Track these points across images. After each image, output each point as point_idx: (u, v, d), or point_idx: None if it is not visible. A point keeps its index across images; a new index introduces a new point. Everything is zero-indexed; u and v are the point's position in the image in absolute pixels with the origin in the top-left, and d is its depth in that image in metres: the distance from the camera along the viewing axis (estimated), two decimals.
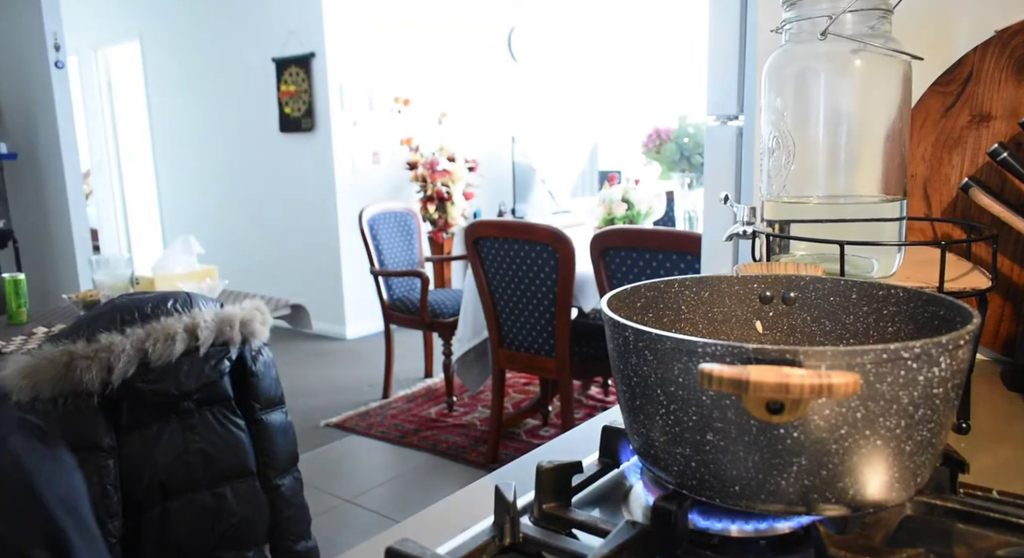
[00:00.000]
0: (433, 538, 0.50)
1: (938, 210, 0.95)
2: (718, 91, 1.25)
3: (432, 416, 3.42)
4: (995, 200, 0.84)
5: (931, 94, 0.94)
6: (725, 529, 0.47)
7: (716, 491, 0.44)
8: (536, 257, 2.59)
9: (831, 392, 0.37)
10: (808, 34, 0.73)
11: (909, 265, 0.77)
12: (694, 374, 0.41)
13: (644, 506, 0.52)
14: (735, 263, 1.25)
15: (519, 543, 0.48)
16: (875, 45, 0.71)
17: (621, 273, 2.45)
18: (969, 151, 0.92)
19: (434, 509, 0.62)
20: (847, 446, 0.41)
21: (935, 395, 0.42)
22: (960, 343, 0.42)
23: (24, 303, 2.28)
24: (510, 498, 0.48)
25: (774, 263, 0.67)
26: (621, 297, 0.56)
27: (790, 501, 0.43)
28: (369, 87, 4.99)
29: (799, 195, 0.77)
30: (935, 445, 0.44)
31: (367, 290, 4.86)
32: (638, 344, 0.46)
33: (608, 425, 0.60)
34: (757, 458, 0.42)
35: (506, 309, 2.76)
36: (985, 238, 0.71)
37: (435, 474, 2.84)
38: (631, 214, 3.36)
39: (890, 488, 0.43)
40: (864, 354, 0.39)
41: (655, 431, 0.47)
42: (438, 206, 5.00)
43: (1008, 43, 0.89)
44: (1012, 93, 0.89)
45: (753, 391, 0.37)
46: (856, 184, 0.77)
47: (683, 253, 2.30)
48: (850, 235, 0.69)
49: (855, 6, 0.71)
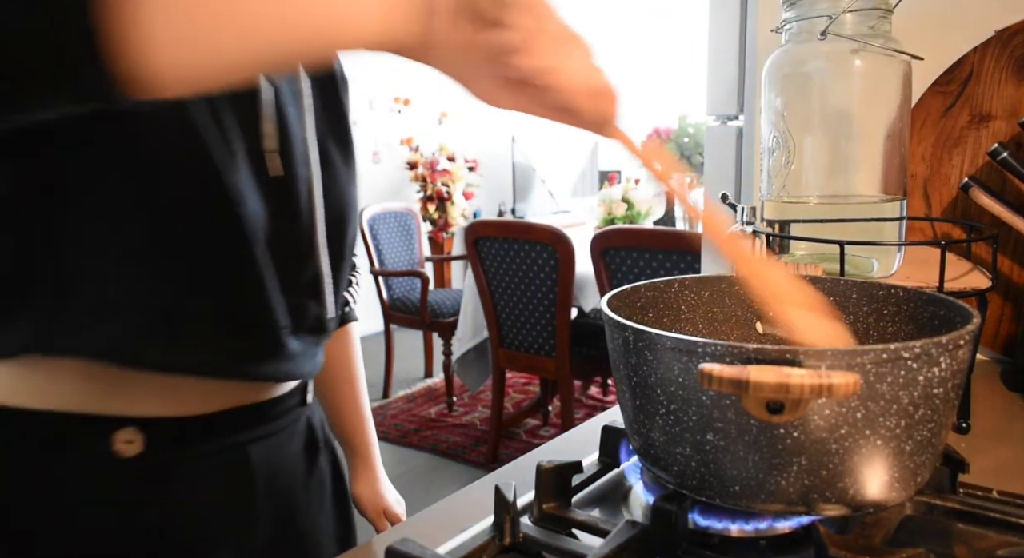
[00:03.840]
0: (433, 538, 0.50)
1: (938, 210, 0.95)
2: (718, 91, 1.25)
3: (432, 416, 3.42)
4: (995, 200, 0.84)
5: (931, 94, 0.94)
6: (725, 529, 0.47)
7: (716, 491, 0.44)
8: (536, 257, 2.59)
9: (831, 392, 0.37)
10: (808, 34, 0.73)
11: (909, 265, 0.77)
12: (694, 374, 0.41)
13: (644, 506, 0.52)
14: None
15: (519, 543, 0.48)
16: (875, 45, 0.71)
17: (621, 273, 2.45)
18: (969, 151, 0.92)
19: (434, 509, 0.62)
20: (847, 446, 0.41)
21: (935, 395, 0.42)
22: (960, 343, 0.42)
23: None
24: (510, 498, 0.48)
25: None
26: (621, 297, 0.56)
27: (790, 501, 0.43)
28: (369, 87, 4.99)
29: (799, 195, 0.77)
30: (935, 445, 0.44)
31: (367, 290, 4.86)
32: (638, 344, 0.46)
33: (608, 425, 0.60)
34: (757, 458, 0.42)
35: (506, 309, 2.77)
36: (985, 238, 0.71)
37: (435, 474, 2.84)
38: (631, 214, 3.36)
39: (890, 488, 0.43)
40: (864, 354, 0.39)
41: (655, 431, 0.47)
42: (438, 206, 5.00)
43: (1008, 43, 0.89)
44: (1012, 93, 0.89)
45: (753, 391, 0.37)
46: (856, 184, 0.77)
47: (683, 253, 2.30)
48: (850, 235, 0.69)
49: (855, 6, 0.71)
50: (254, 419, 0.67)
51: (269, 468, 0.68)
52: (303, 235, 0.66)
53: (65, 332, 0.56)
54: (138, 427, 0.59)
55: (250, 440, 0.66)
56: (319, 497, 0.76)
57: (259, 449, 0.67)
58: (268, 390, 0.68)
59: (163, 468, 0.61)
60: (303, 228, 0.65)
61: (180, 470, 0.62)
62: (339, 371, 0.87)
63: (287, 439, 0.71)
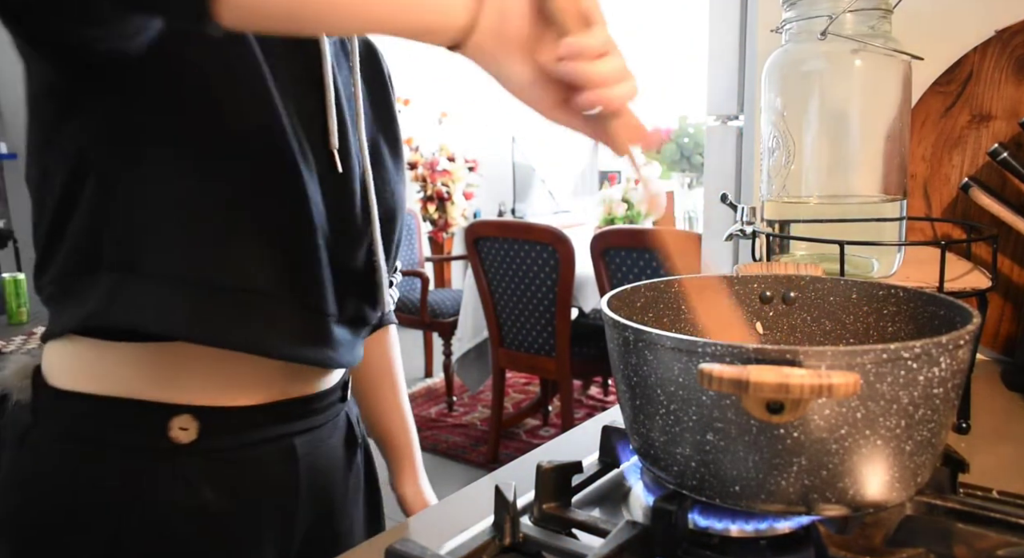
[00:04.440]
0: (433, 538, 0.50)
1: (938, 210, 0.95)
2: (718, 91, 1.25)
3: (432, 416, 3.42)
4: (995, 200, 0.84)
5: (931, 94, 0.94)
6: (725, 529, 0.47)
7: (716, 491, 0.44)
8: (536, 257, 2.59)
9: (831, 392, 0.37)
10: (808, 34, 0.73)
11: (909, 265, 0.77)
12: (694, 374, 0.41)
13: (644, 506, 0.52)
14: (735, 263, 1.25)
15: (519, 543, 0.48)
16: (875, 45, 0.71)
17: (621, 273, 2.45)
18: (969, 151, 0.92)
19: (434, 509, 0.62)
20: (847, 446, 0.41)
21: (935, 395, 0.42)
22: (960, 343, 0.42)
23: (24, 303, 2.28)
24: (510, 498, 0.48)
25: (774, 263, 0.67)
26: (621, 297, 0.56)
27: (790, 501, 0.43)
28: None
29: (799, 195, 0.77)
30: (935, 445, 0.44)
31: None
32: (638, 344, 0.46)
33: (608, 425, 0.60)
34: (757, 458, 0.42)
35: (506, 309, 2.77)
36: (985, 238, 0.71)
37: (435, 474, 2.82)
38: (631, 214, 3.36)
39: (890, 488, 0.43)
40: (864, 354, 0.39)
41: (655, 431, 0.47)
42: (438, 206, 5.00)
43: (1008, 43, 0.89)
44: (1012, 93, 0.89)
45: (753, 391, 0.37)
46: (856, 184, 0.77)
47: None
48: (850, 235, 0.69)
49: (855, 6, 0.71)
50: (301, 412, 0.69)
51: (312, 460, 0.70)
52: (357, 229, 0.69)
53: (126, 306, 0.58)
54: (193, 414, 0.62)
55: (296, 432, 0.68)
56: (355, 491, 0.78)
57: (303, 442, 0.69)
58: (314, 383, 0.70)
59: (216, 455, 0.63)
60: (357, 223, 0.68)
61: (231, 457, 0.64)
62: (381, 371, 0.89)
63: (329, 433, 0.73)
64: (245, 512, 0.65)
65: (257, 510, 0.66)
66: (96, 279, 0.59)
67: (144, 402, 0.61)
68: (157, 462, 0.61)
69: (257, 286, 0.61)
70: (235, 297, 0.60)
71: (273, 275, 0.61)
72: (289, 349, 0.63)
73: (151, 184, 0.58)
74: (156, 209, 0.58)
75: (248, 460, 0.65)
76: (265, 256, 0.61)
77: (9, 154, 4.04)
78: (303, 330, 0.64)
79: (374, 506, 0.83)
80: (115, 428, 0.61)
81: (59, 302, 0.62)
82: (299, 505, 0.69)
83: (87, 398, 0.61)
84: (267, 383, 0.66)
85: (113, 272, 0.59)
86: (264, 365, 0.64)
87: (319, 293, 0.64)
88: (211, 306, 0.59)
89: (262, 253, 0.61)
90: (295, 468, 0.68)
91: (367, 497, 0.81)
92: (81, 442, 0.61)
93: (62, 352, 0.63)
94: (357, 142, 0.69)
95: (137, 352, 0.61)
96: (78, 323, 0.59)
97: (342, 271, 0.67)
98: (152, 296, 0.58)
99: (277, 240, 0.61)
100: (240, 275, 0.60)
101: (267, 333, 0.62)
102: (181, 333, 0.59)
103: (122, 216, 0.58)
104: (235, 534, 0.65)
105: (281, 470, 0.67)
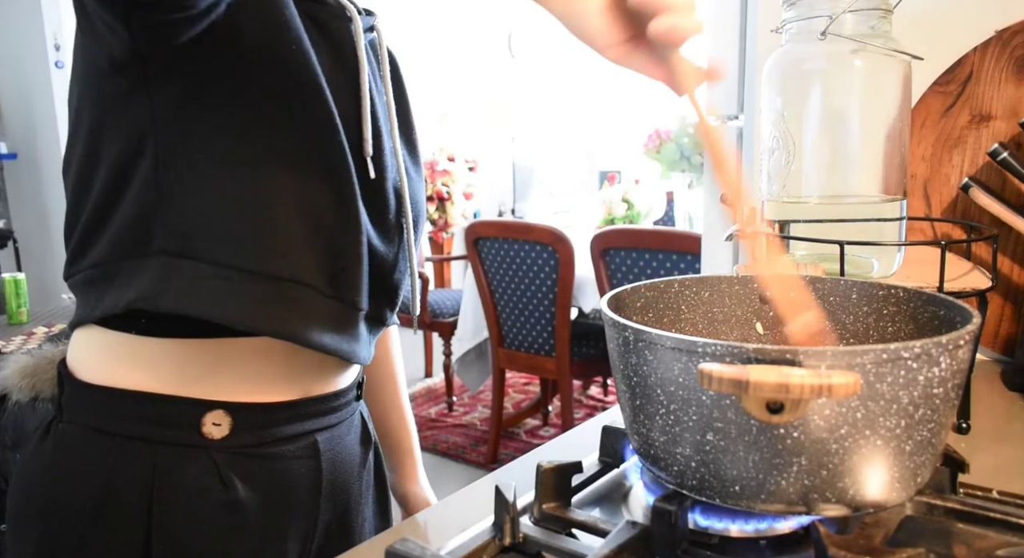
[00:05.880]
0: (433, 538, 0.50)
1: (938, 210, 0.95)
2: (718, 91, 1.25)
3: (432, 416, 3.42)
4: (995, 200, 0.84)
5: (931, 94, 0.94)
6: (725, 529, 0.47)
7: (716, 491, 0.44)
8: (536, 257, 2.59)
9: (831, 392, 0.37)
10: (808, 34, 0.73)
11: (909, 265, 0.77)
12: (694, 374, 0.41)
13: (644, 506, 0.52)
14: (735, 263, 1.25)
15: (519, 543, 0.48)
16: (875, 45, 0.71)
17: (621, 273, 2.45)
18: (969, 151, 0.92)
19: (434, 509, 0.62)
20: (847, 446, 0.41)
21: (935, 395, 0.42)
22: (960, 343, 0.42)
23: (24, 303, 2.28)
24: (510, 498, 0.48)
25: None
26: (621, 297, 0.56)
27: (790, 501, 0.43)
28: None
29: (799, 195, 0.77)
30: (935, 445, 0.44)
31: None
32: (638, 344, 0.46)
33: (608, 425, 0.60)
34: (757, 458, 0.42)
35: (506, 309, 2.77)
36: (985, 238, 0.71)
37: (435, 474, 2.82)
38: (631, 214, 3.36)
39: (890, 488, 0.43)
40: (864, 354, 0.39)
41: (655, 431, 0.47)
42: (438, 206, 5.00)
43: (1008, 43, 0.89)
44: (1012, 93, 0.89)
45: (753, 391, 0.37)
46: (856, 184, 0.77)
47: (683, 253, 2.30)
48: (850, 235, 0.69)
49: (855, 6, 0.71)
50: (323, 410, 0.70)
51: (332, 456, 0.71)
52: (391, 233, 0.70)
53: (178, 292, 0.59)
54: (226, 410, 0.63)
55: (318, 429, 0.70)
56: (368, 488, 0.79)
57: (325, 439, 0.70)
58: (335, 381, 0.71)
59: (246, 450, 0.64)
60: (391, 226, 0.70)
61: (260, 453, 0.65)
62: (382, 371, 0.91)
63: (346, 431, 0.74)
64: (273, 507, 0.66)
65: (284, 505, 0.67)
66: (145, 263, 0.59)
67: (179, 398, 0.62)
68: (189, 456, 0.62)
69: (302, 279, 0.62)
70: (282, 287, 0.61)
71: (318, 269, 0.62)
72: (328, 341, 0.64)
73: (208, 171, 0.58)
74: (211, 196, 0.59)
75: (276, 456, 0.66)
76: (314, 250, 0.62)
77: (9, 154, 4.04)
78: (338, 323, 0.65)
79: (383, 504, 0.84)
80: (147, 423, 0.61)
81: (99, 287, 0.62)
82: (321, 501, 0.70)
83: (117, 392, 0.62)
84: (296, 379, 0.67)
85: (166, 256, 0.59)
86: (295, 361, 0.65)
87: (357, 289, 0.66)
88: (263, 296, 0.60)
89: (311, 247, 0.62)
90: (318, 464, 0.69)
91: (376, 495, 0.82)
92: (110, 436, 0.61)
93: (91, 345, 0.63)
94: (392, 151, 0.71)
95: (177, 348, 0.61)
96: (123, 307, 0.59)
97: (374, 271, 0.68)
98: (206, 282, 0.59)
99: (326, 236, 0.62)
100: (289, 267, 0.61)
101: (310, 325, 0.63)
102: (234, 321, 0.59)
103: (176, 201, 0.58)
104: (263, 528, 0.65)
105: (306, 466, 0.68)
